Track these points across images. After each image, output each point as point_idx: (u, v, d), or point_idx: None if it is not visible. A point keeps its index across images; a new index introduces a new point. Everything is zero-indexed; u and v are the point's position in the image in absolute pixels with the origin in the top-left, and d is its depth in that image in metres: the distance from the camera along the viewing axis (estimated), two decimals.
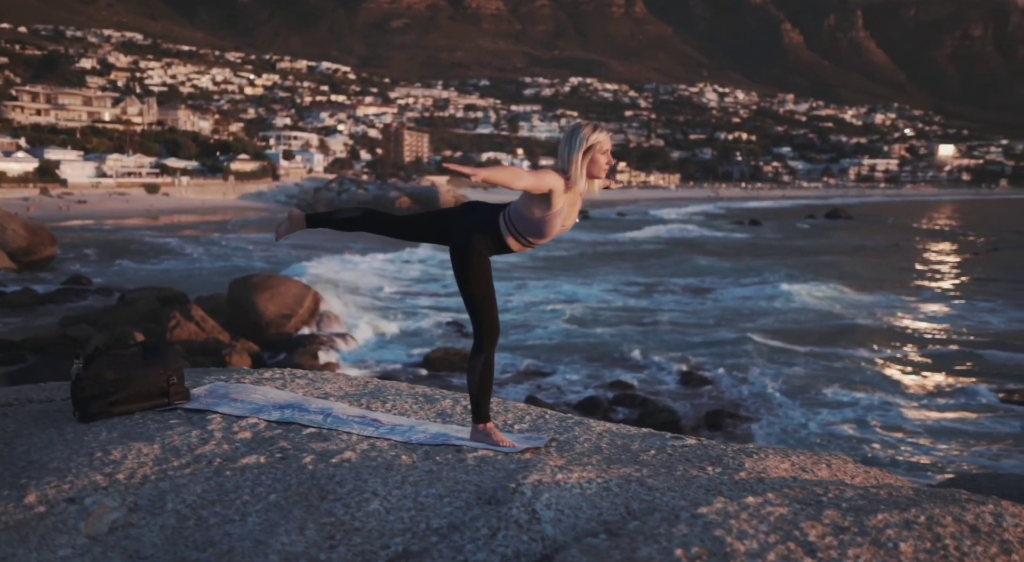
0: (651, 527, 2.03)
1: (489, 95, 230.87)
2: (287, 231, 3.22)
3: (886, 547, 1.90)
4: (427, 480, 2.42)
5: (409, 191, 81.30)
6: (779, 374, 16.16)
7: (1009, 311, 23.75)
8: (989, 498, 2.07)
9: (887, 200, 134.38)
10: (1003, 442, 12.66)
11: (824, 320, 21.76)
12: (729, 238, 52.57)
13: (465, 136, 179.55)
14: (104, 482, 2.40)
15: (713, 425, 13.69)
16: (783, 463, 2.67)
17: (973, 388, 15.56)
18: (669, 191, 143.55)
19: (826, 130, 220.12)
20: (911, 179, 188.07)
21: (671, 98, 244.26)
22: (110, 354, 3.03)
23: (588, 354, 17.96)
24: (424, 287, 27.52)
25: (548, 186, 2.77)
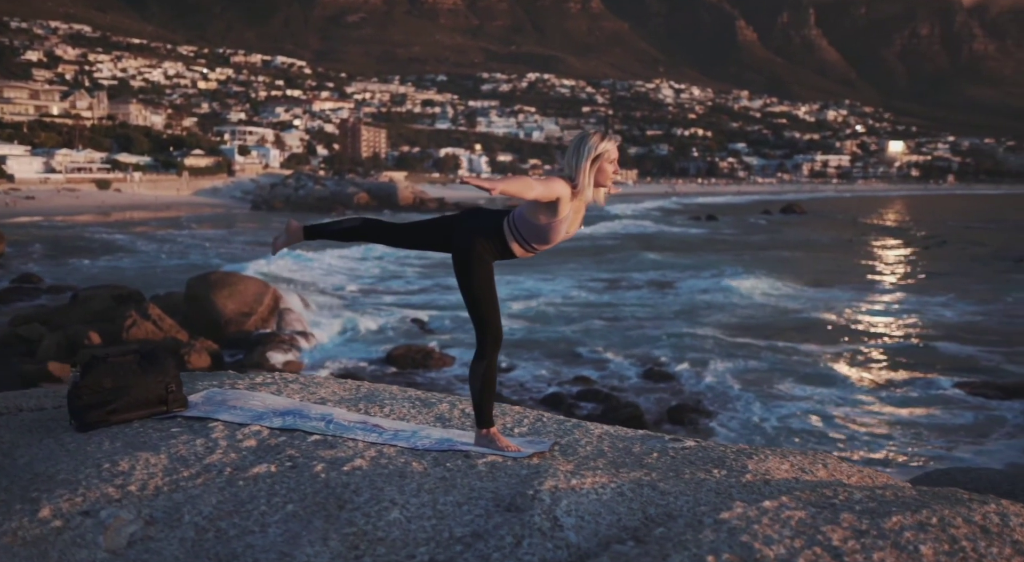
0: (677, 533, 2.05)
1: (447, 90, 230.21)
2: (285, 243, 3.17)
3: (907, 550, 1.95)
4: (442, 487, 2.42)
5: (367, 187, 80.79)
6: (738, 368, 16.33)
7: (961, 304, 24.31)
8: (988, 497, 2.13)
9: (839, 195, 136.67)
10: (959, 433, 12.93)
11: (781, 315, 22.08)
12: (687, 234, 53.09)
13: (423, 131, 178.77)
14: (117, 494, 2.37)
15: (676, 420, 13.78)
16: (783, 464, 2.72)
17: (929, 380, 15.87)
18: (627, 187, 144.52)
19: (780, 126, 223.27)
20: (862, 175, 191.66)
21: (628, 94, 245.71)
22: (107, 362, 3.00)
23: (550, 350, 18.00)
24: (385, 285, 27.39)
25: (556, 194, 2.78)
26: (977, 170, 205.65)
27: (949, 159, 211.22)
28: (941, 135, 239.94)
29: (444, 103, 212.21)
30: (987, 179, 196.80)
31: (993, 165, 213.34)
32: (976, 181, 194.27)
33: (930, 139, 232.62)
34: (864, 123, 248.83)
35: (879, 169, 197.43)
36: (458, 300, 24.02)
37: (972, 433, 13.05)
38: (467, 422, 3.32)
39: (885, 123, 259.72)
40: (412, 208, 74.95)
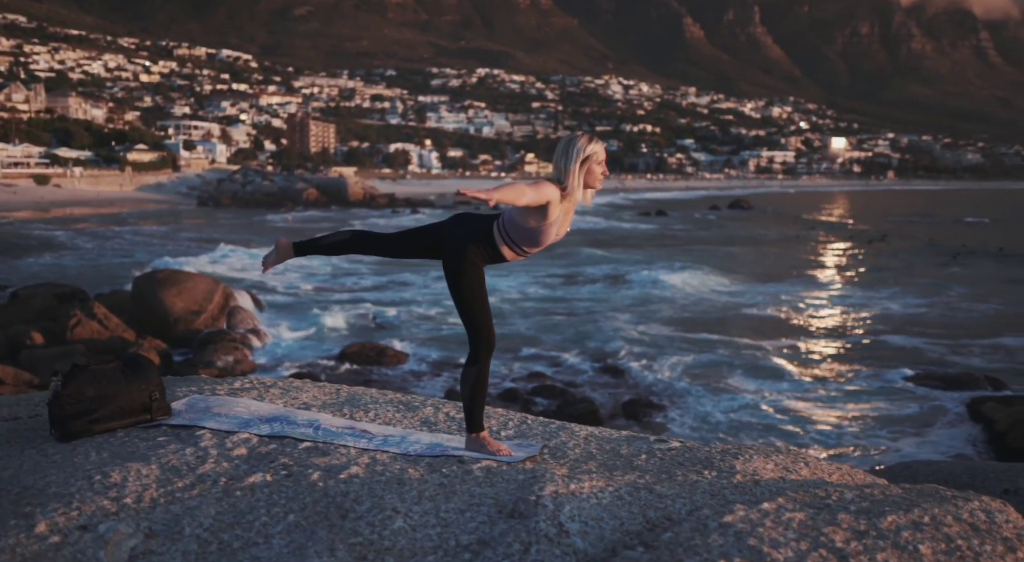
0: (685, 538, 2.08)
1: (396, 85, 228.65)
2: (275, 261, 3.18)
3: (908, 550, 2.01)
4: (443, 494, 2.42)
5: (316, 182, 79.86)
6: (688, 362, 16.51)
7: (906, 297, 24.92)
8: (969, 494, 2.20)
9: (785, 191, 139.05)
10: (905, 424, 13.27)
11: (730, 309, 22.41)
12: (637, 229, 53.54)
13: (372, 127, 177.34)
14: (112, 507, 2.33)
15: (631, 415, 13.89)
16: (767, 463, 2.77)
17: (876, 372, 16.24)
18: None
19: (727, 123, 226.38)
20: (807, 170, 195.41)
21: (577, 90, 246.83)
22: (89, 370, 2.94)
23: (505, 345, 18.02)
24: (338, 282, 27.15)
25: (546, 198, 2.79)
26: (915, 166, 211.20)
27: (889, 155, 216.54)
28: (881, 132, 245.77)
29: (393, 98, 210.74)
30: (925, 175, 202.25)
31: (930, 161, 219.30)
32: (915, 177, 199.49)
33: (871, 136, 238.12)
34: (808, 120, 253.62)
35: (823, 165, 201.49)
36: (411, 296, 23.95)
37: (917, 424, 13.41)
38: (453, 426, 3.32)
39: (828, 120, 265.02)
40: (362, 204, 74.25)
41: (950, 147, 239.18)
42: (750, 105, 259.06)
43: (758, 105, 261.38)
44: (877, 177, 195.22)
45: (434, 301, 23.16)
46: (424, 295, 23.98)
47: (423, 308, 21.90)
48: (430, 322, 20.38)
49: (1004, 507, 2.16)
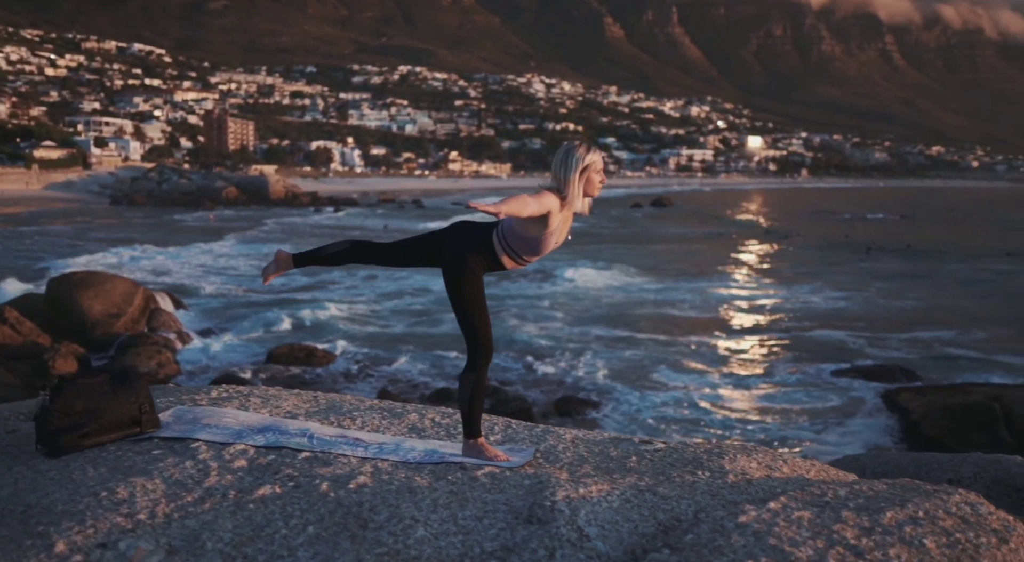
0: (708, 539, 2.12)
1: (316, 82, 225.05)
2: (275, 272, 3.16)
3: (914, 545, 2.12)
4: (456, 502, 2.44)
5: (236, 181, 77.99)
6: (615, 359, 16.71)
7: (825, 292, 25.70)
8: (946, 487, 2.29)
9: (704, 189, 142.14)
10: (828, 416, 13.71)
11: (655, 306, 22.74)
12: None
13: (293, 124, 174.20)
14: (127, 523, 2.29)
15: (563, 412, 13.99)
16: (751, 462, 2.84)
17: (798, 366, 16.69)
18: (501, 180, 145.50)
19: (647, 121, 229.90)
20: (725, 169, 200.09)
21: (500, 88, 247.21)
22: (77, 383, 2.87)
23: (435, 344, 17.96)
24: (256, 282, 26.51)
25: (547, 208, 2.82)
26: (827, 165, 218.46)
27: (802, 154, 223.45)
28: (795, 131, 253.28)
29: (314, 95, 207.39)
30: (836, 173, 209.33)
31: (841, 160, 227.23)
32: (827, 175, 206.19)
33: (785, 135, 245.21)
34: (725, 119, 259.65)
35: (740, 163, 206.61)
36: (339, 295, 23.54)
37: (839, 415, 13.87)
38: (441, 432, 3.32)
39: (744, 119, 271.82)
40: (284, 203, 72.83)
41: (859, 146, 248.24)
42: (669, 104, 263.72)
43: (677, 104, 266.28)
44: (791, 175, 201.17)
45: (362, 301, 22.90)
46: (352, 295, 23.70)
47: (350, 308, 21.64)
48: (357, 322, 20.16)
49: (980, 499, 2.25)
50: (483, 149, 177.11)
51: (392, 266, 3.12)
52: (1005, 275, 29.69)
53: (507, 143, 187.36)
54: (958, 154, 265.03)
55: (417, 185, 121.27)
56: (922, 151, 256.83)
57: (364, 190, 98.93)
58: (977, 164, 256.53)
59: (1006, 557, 2.00)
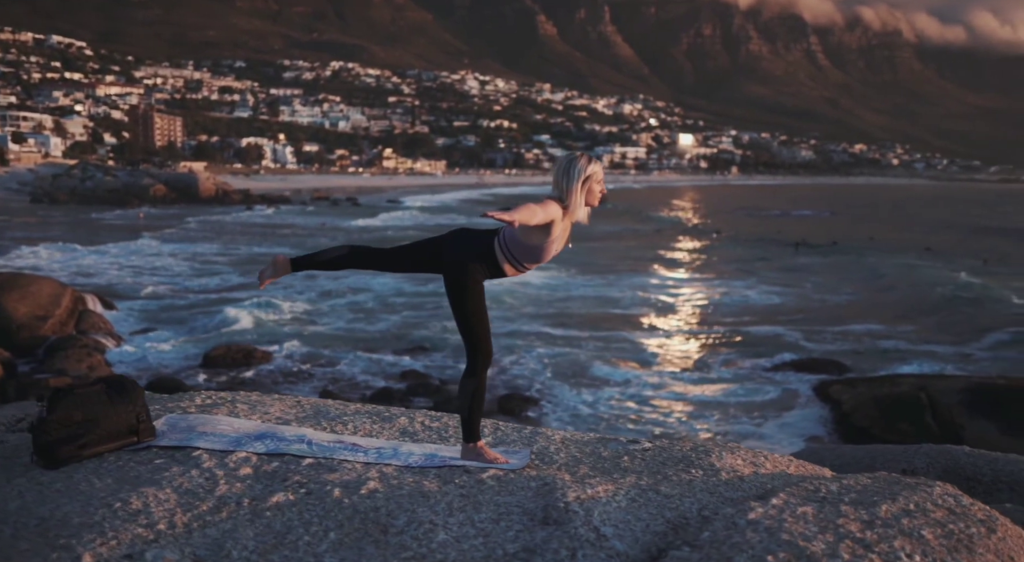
0: (724, 536, 2.19)
1: (246, 77, 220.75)
2: (272, 276, 3.14)
3: (914, 536, 2.24)
4: (470, 505, 2.48)
5: (164, 178, 75.84)
6: (555, 357, 16.81)
7: (762, 287, 26.25)
8: (925, 480, 2.38)
9: (638, 186, 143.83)
10: (766, 409, 14.01)
11: (594, 303, 22.92)
12: (499, 226, 53.77)
13: (222, 120, 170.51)
14: (149, 534, 2.29)
15: (507, 410, 14.02)
16: (736, 459, 2.93)
17: (736, 360, 17.03)
18: (436, 178, 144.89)
19: (581, 119, 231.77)
20: (658, 166, 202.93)
21: (434, 85, 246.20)
22: (74, 393, 2.84)
23: (376, 343, 17.82)
24: (199, 283, 25.92)
25: (552, 217, 2.90)
26: (756, 162, 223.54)
27: (732, 152, 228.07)
28: (725, 129, 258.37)
29: (243, 90, 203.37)
30: (765, 170, 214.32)
31: (769, 158, 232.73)
32: (756, 172, 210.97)
33: (715, 133, 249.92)
34: (657, 117, 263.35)
35: (672, 161, 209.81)
36: (277, 294, 23.09)
37: (776, 408, 14.20)
38: (433, 435, 3.35)
39: (676, 117, 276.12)
40: (215, 201, 71.18)
41: (786, 144, 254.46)
42: (603, 102, 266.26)
43: (610, 102, 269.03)
44: (722, 172, 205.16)
45: (302, 299, 22.57)
46: (290, 294, 23.33)
47: (290, 307, 21.31)
48: (296, 321, 19.90)
49: (959, 491, 2.35)
50: (417, 146, 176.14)
51: (391, 271, 3.14)
52: (926, 269, 30.78)
53: (441, 140, 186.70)
54: (879, 152, 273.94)
55: (351, 182, 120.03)
56: (846, 149, 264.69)
57: (297, 187, 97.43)
58: (897, 162, 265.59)
59: (996, 546, 2.09)
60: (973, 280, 26.92)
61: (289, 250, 33.76)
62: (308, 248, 35.01)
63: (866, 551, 2.08)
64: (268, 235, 42.60)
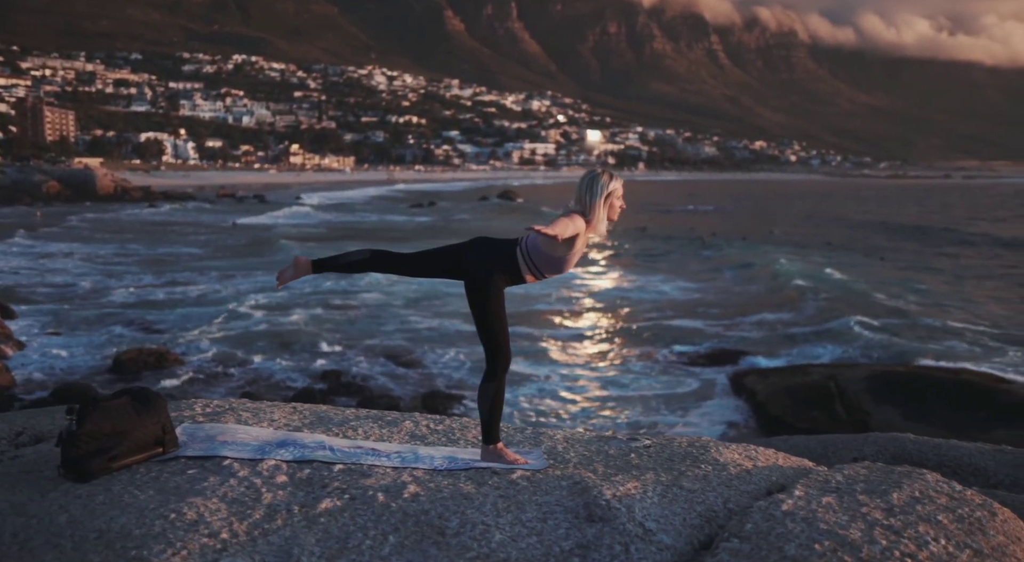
0: (768, 528, 2.30)
1: (143, 70, 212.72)
2: (292, 277, 3.20)
3: (933, 522, 2.36)
4: (513, 506, 2.56)
5: (58, 175, 72.45)
6: (473, 354, 16.81)
7: (677, 281, 26.81)
8: (915, 469, 2.50)
9: (549, 182, 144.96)
10: (687, 400, 14.34)
11: (513, 300, 22.78)
12: (412, 222, 53.50)
13: (118, 114, 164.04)
14: (214, 543, 2.31)
15: (431, 408, 13.94)
16: (733, 454, 3.06)
17: (656, 353, 17.35)
18: (345, 174, 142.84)
19: (490, 115, 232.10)
20: (567, 162, 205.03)
21: (341, 80, 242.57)
22: (102, 406, 2.86)
23: (292, 342, 17.50)
24: (106, 284, 24.82)
25: (579, 230, 3.03)
26: (662, 158, 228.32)
27: (639, 148, 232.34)
28: (631, 126, 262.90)
29: (141, 84, 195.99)
30: (670, 166, 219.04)
31: (675, 154, 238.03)
32: (662, 168, 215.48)
33: (622, 129, 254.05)
34: (565, 113, 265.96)
35: (581, 157, 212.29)
36: (183, 294, 22.37)
37: (696, 398, 14.54)
38: (442, 438, 3.41)
39: (583, 114, 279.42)
40: (114, 198, 68.38)
41: (690, 141, 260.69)
42: (511, 98, 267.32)
43: (519, 98, 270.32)
44: (629, 168, 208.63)
45: (214, 299, 21.94)
46: (200, 293, 22.65)
47: (198, 308, 20.72)
48: (209, 321, 19.33)
49: (946, 478, 2.46)
50: (325, 142, 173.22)
51: (411, 276, 3.20)
52: (828, 264, 32.07)
53: (349, 136, 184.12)
54: (778, 149, 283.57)
55: (257, 179, 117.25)
56: (746, 146, 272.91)
57: (200, 184, 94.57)
58: (795, 159, 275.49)
59: (1003, 527, 2.22)
60: (838, 275, 27.98)
61: (197, 250, 32.73)
62: (217, 247, 34.13)
63: (898, 537, 2.22)
64: (174, 233, 41.22)
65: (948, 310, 22.39)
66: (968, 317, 21.33)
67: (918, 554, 2.15)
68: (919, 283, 27.41)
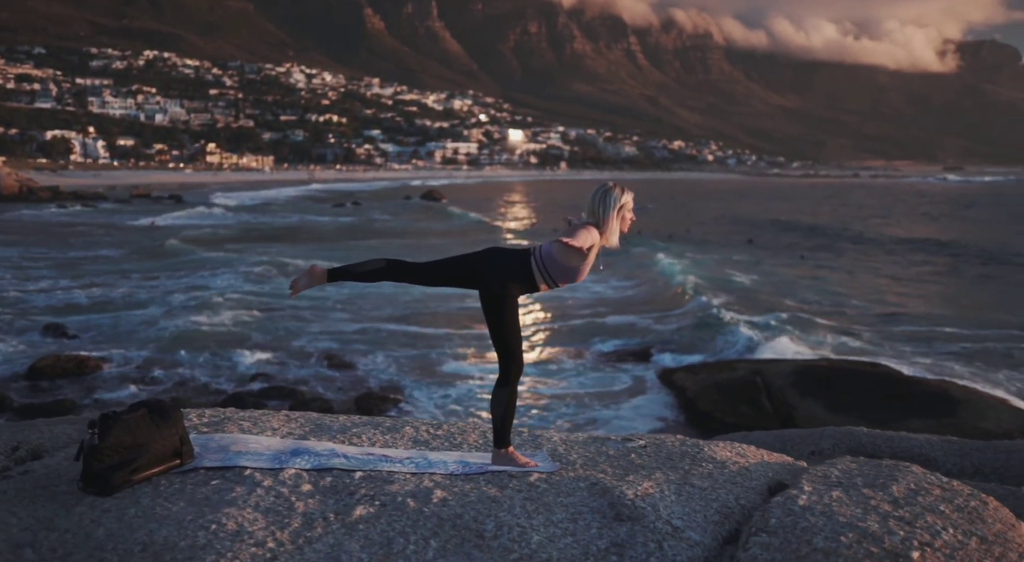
0: (789, 523, 2.40)
1: (46, 65, 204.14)
2: (307, 286, 3.27)
3: (937, 511, 2.47)
4: (542, 508, 2.63)
5: None
6: (408, 355, 16.72)
7: (612, 281, 27.05)
8: (899, 462, 2.61)
9: (472, 182, 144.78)
10: (620, 396, 14.50)
11: (443, 300, 22.83)
12: (336, 222, 52.72)
13: (20, 111, 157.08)
14: (262, 553, 2.33)
15: (365, 410, 13.82)
16: (725, 452, 3.23)
17: (588, 351, 17.49)
18: (264, 174, 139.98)
19: (411, 114, 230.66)
20: (489, 161, 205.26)
21: (258, 77, 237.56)
22: (122, 419, 2.87)
23: (213, 341, 17.06)
24: (16, 288, 23.69)
25: (595, 242, 3.15)
26: (584, 157, 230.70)
27: (561, 147, 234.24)
28: (553, 126, 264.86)
29: (45, 79, 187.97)
30: (592, 165, 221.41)
31: (596, 153, 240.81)
32: (584, 167, 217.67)
33: (544, 129, 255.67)
34: (487, 113, 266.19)
35: (503, 156, 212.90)
36: (104, 297, 21.53)
37: (629, 394, 14.73)
38: (445, 443, 3.46)
39: (505, 113, 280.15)
40: (19, 198, 65.40)
41: (611, 140, 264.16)
42: (432, 97, 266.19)
43: (440, 98, 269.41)
44: (552, 168, 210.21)
45: (136, 302, 21.24)
46: (118, 297, 21.91)
47: (119, 312, 20.01)
48: (129, 324, 18.69)
49: (930, 471, 2.55)
50: (243, 141, 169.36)
51: (426, 285, 3.30)
52: (749, 262, 32.92)
53: (268, 134, 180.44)
54: (696, 148, 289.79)
55: (173, 178, 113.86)
56: (665, 146, 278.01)
57: (112, 183, 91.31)
58: (712, 158, 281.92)
59: (997, 515, 2.35)
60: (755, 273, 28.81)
61: (113, 252, 31.58)
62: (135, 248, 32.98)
63: (911, 527, 2.35)
64: (86, 235, 39.68)
65: (855, 306, 23.24)
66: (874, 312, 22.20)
67: (934, 542, 2.25)
68: (833, 281, 28.38)
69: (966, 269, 32.96)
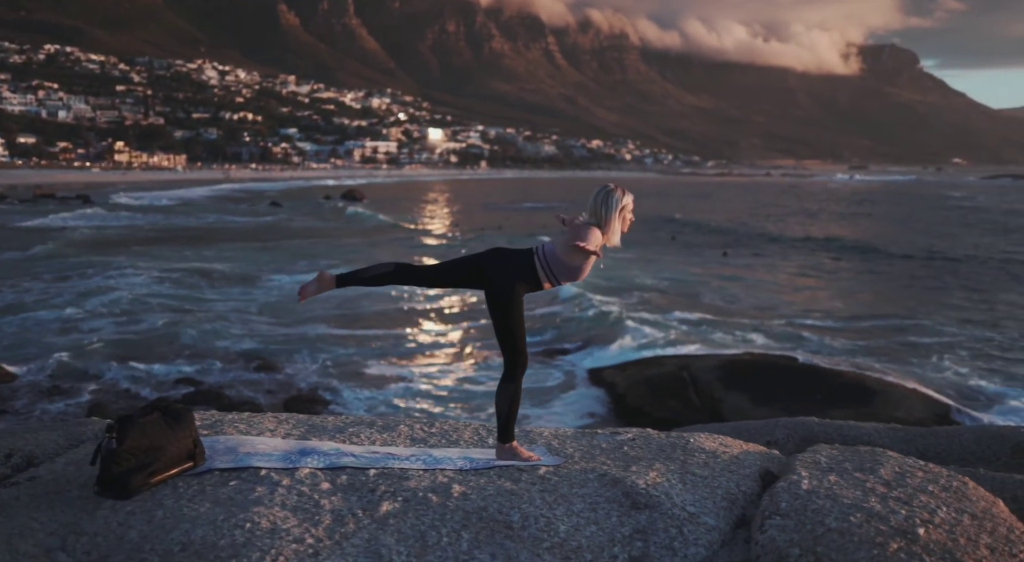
0: (801, 505, 2.49)
1: None
2: (315, 292, 3.31)
3: (927, 491, 2.59)
4: (560, 499, 2.71)
5: None
6: (334, 357, 16.56)
7: None
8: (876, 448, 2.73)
9: (392, 181, 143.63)
10: (555, 391, 14.61)
11: (370, 301, 22.60)
12: (255, 223, 51.60)
13: None
14: (304, 549, 2.37)
15: (294, 411, 13.51)
16: (711, 442, 3.42)
17: None
18: (177, 173, 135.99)
19: (329, 112, 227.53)
20: (409, 160, 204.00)
21: (168, 74, 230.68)
22: (138, 422, 2.90)
23: (140, 349, 16.51)
24: None
25: (601, 242, 3.26)
26: (503, 156, 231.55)
27: (481, 146, 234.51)
28: (472, 124, 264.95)
29: None
30: (512, 164, 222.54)
31: (516, 152, 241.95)
32: (504, 166, 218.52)
33: (463, 128, 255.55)
34: (406, 111, 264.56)
35: (423, 155, 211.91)
36: (15, 300, 20.60)
37: (561, 389, 14.86)
38: (442, 440, 3.54)
39: (424, 112, 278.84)
40: None
41: (530, 139, 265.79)
42: (350, 95, 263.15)
43: (358, 96, 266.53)
44: (472, 167, 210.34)
45: (55, 305, 20.38)
46: (35, 298, 21.00)
47: (27, 315, 19.21)
48: (48, 329, 17.95)
49: (905, 455, 2.63)
50: (153, 139, 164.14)
51: (433, 288, 3.40)
52: (676, 262, 33.63)
53: (180, 133, 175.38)
54: (614, 147, 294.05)
55: (79, 178, 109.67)
56: (584, 145, 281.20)
57: (12, 183, 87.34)
58: (630, 157, 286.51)
59: (977, 493, 2.52)
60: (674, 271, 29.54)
61: (16, 254, 30.14)
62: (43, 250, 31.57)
63: (910, 507, 2.47)
64: None
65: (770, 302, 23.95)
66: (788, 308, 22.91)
67: (933, 519, 2.40)
68: (759, 279, 29.15)
69: (877, 266, 34.28)
